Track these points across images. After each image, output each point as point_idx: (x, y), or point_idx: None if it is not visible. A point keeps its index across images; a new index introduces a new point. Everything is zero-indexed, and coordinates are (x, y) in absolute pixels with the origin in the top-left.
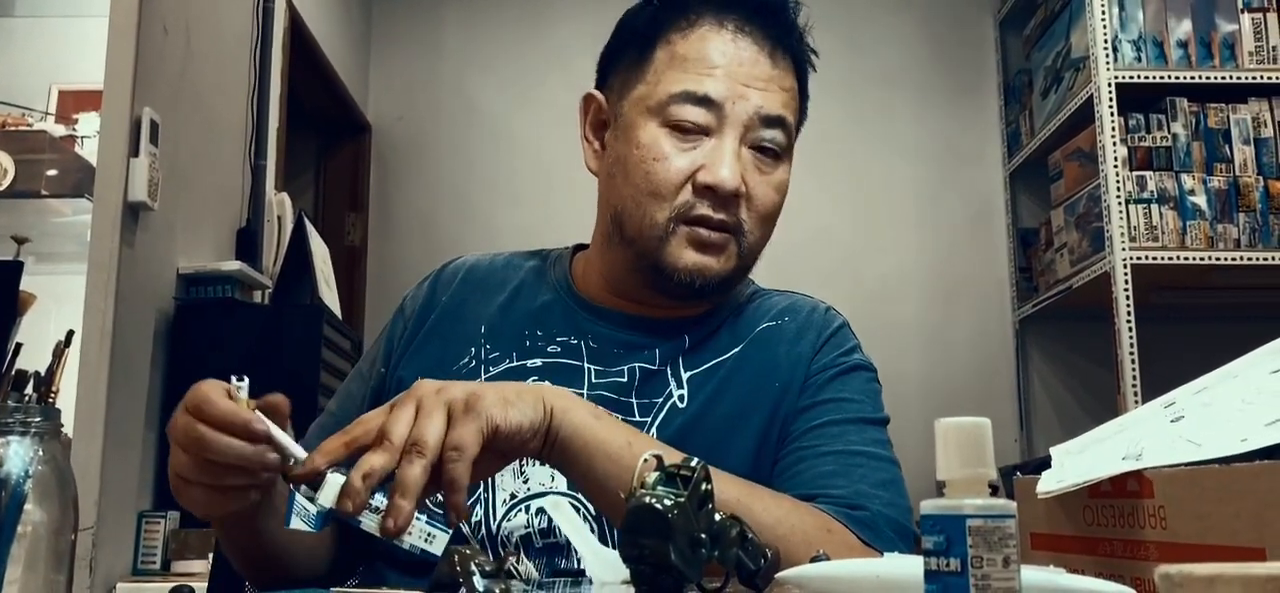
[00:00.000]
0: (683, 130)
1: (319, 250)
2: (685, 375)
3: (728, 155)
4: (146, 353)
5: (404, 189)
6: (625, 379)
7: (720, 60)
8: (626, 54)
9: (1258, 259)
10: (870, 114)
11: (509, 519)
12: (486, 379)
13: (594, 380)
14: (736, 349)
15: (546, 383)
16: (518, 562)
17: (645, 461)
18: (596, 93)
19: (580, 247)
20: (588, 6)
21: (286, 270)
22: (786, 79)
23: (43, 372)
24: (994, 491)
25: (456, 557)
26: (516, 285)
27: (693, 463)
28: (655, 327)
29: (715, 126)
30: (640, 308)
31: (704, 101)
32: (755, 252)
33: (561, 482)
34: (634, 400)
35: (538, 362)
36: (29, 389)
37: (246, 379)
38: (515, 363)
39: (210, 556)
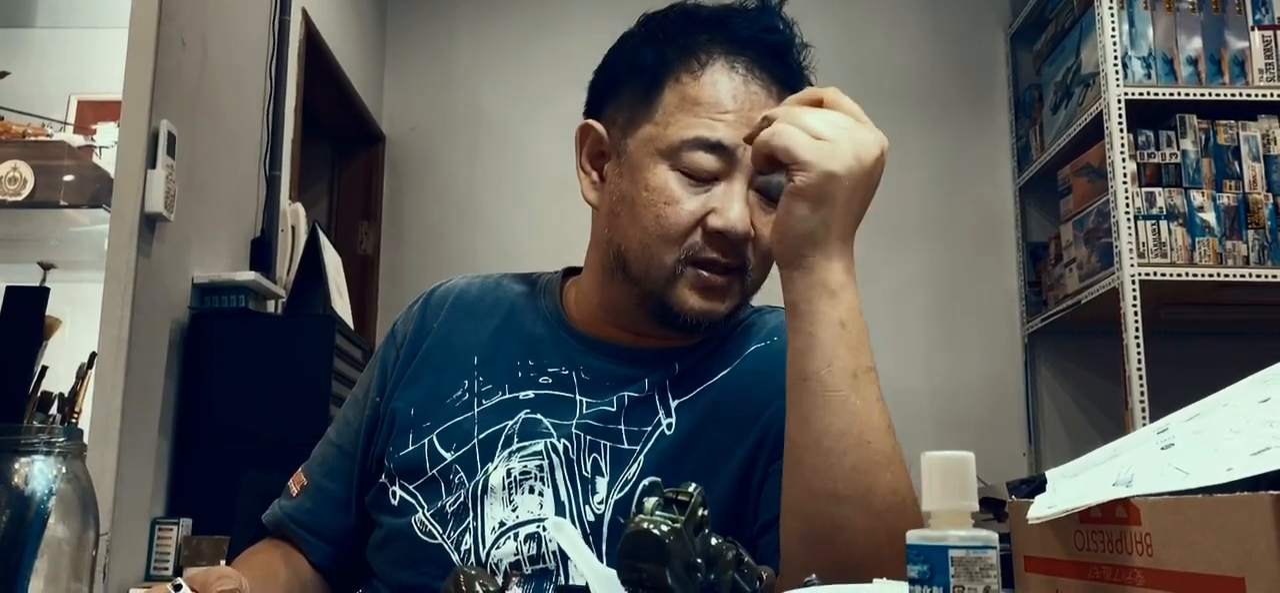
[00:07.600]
0: (694, 174)
1: (332, 260)
2: (673, 403)
3: (738, 200)
4: (161, 362)
5: (417, 199)
6: (614, 408)
7: (732, 104)
8: (628, 87)
9: (1266, 276)
10: (880, 127)
11: (498, 547)
12: (480, 412)
13: (584, 411)
14: (725, 372)
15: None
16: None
17: (643, 486)
18: (594, 124)
19: (570, 271)
20: (600, 19)
21: (300, 280)
22: None
23: (67, 393)
24: (990, 508)
25: (461, 577)
26: (507, 313)
27: (691, 489)
28: (647, 357)
29: (724, 171)
30: (635, 339)
31: (717, 148)
32: (757, 287)
33: (548, 510)
34: (622, 427)
35: (530, 393)
36: (53, 410)
37: (183, 585)
38: (508, 394)
39: (221, 563)
